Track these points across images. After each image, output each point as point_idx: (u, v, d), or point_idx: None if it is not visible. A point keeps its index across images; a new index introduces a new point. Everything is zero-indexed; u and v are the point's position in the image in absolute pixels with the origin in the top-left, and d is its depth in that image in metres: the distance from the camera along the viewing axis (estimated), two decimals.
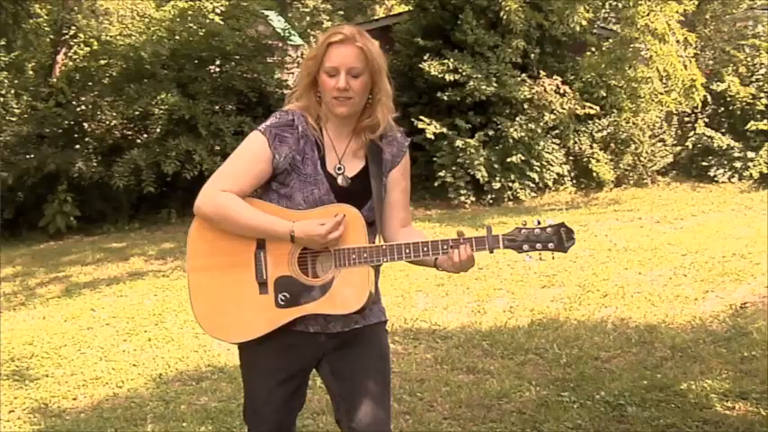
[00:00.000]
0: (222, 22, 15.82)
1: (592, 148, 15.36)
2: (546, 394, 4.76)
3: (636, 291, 7.17)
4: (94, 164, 14.88)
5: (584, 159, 15.32)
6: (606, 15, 17.12)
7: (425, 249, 2.61)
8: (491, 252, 2.62)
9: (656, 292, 7.08)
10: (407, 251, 2.61)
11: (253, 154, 2.69)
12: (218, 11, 16.06)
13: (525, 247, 2.62)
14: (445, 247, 2.61)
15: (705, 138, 15.40)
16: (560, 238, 2.62)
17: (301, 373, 2.85)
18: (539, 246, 2.62)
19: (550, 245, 2.62)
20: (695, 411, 4.34)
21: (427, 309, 7.16)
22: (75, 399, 5.56)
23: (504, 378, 5.12)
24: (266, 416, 2.85)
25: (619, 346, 5.62)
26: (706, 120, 15.83)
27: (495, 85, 14.44)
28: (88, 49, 16.02)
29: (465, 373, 5.35)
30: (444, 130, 14.45)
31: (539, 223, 2.63)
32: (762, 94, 15.30)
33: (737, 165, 14.98)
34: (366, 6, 30.93)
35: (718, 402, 4.45)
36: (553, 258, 2.65)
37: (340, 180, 2.70)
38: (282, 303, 2.63)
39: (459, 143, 14.30)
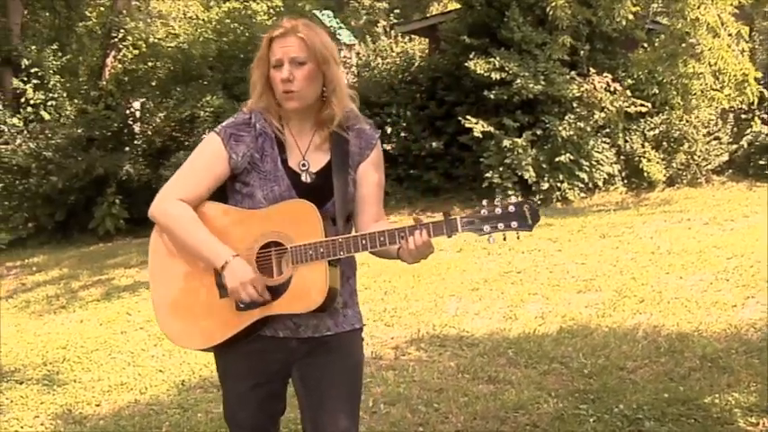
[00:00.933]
0: (269, 23, 15.92)
1: (643, 146, 15.04)
2: (563, 407, 4.63)
3: (674, 296, 6.97)
4: (142, 166, 15.12)
5: (636, 159, 15.00)
6: (657, 9, 16.69)
7: (382, 239, 2.53)
8: (449, 236, 2.52)
9: (694, 297, 6.87)
10: (364, 242, 2.54)
11: (208, 156, 2.68)
12: (271, 11, 16.14)
13: (486, 228, 2.50)
14: (402, 234, 2.52)
15: (762, 135, 14.96)
16: (524, 216, 2.49)
17: (275, 378, 2.78)
18: (501, 226, 2.50)
19: (513, 224, 2.49)
20: (716, 427, 4.18)
21: (458, 314, 7.07)
22: (98, 405, 5.63)
23: (524, 389, 5.01)
24: (241, 421, 2.82)
25: (647, 356, 5.45)
26: (764, 116, 15.36)
27: (542, 83, 14.21)
28: (137, 51, 16.25)
29: (485, 382, 5.25)
30: (491, 129, 14.27)
31: (501, 201, 2.52)
32: None
33: None
34: (423, 5, 30.78)
35: (741, 417, 4.28)
36: (518, 238, 2.52)
37: (304, 177, 2.65)
38: (242, 306, 2.58)
39: (506, 143, 14.11)
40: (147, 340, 7.26)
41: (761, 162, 14.96)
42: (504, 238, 2.53)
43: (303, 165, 2.67)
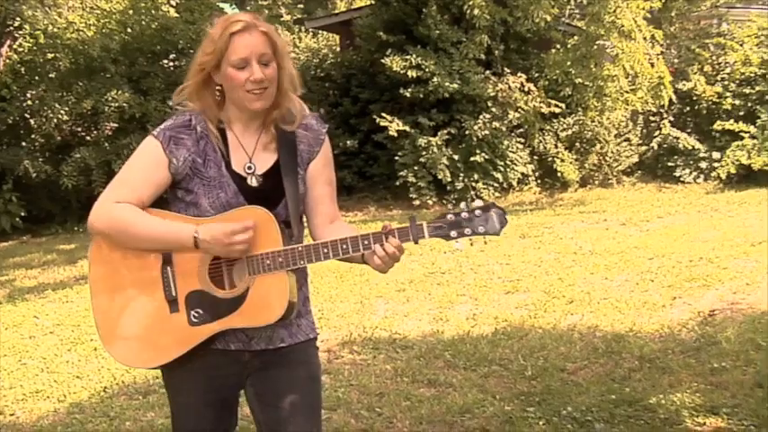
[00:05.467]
0: (177, 15, 15.59)
1: (557, 147, 15.34)
2: (510, 410, 4.64)
3: (602, 297, 7.10)
4: (41, 162, 14.55)
5: (549, 159, 15.29)
6: (571, 12, 17.11)
7: (344, 247, 2.42)
8: (416, 243, 2.42)
9: (623, 298, 7.02)
10: (326, 251, 2.42)
11: (147, 161, 2.51)
12: (172, 3, 15.83)
13: (453, 233, 2.41)
14: (366, 242, 2.41)
15: (671, 138, 15.44)
16: (491, 221, 2.42)
17: (227, 392, 2.67)
18: (468, 231, 2.41)
19: (480, 228, 2.41)
20: (665, 428, 4.26)
21: (387, 316, 7.03)
22: (12, 414, 5.37)
23: (467, 392, 5.00)
24: None
25: (585, 357, 5.53)
26: (671, 119, 15.87)
27: (458, 82, 14.34)
28: (34, 41, 15.63)
29: (426, 386, 5.22)
30: (407, 128, 14.32)
31: (467, 207, 2.44)
32: (728, 94, 15.37)
33: (703, 165, 15.04)
34: (326, 1, 30.69)
35: (688, 418, 4.37)
36: (485, 243, 2.45)
37: (251, 180, 2.53)
38: (196, 321, 2.46)
39: (421, 141, 14.20)
40: (59, 345, 6.97)
41: (669, 164, 15.42)
42: (471, 244, 2.46)
43: (249, 167, 2.53)
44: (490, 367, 5.46)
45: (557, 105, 14.77)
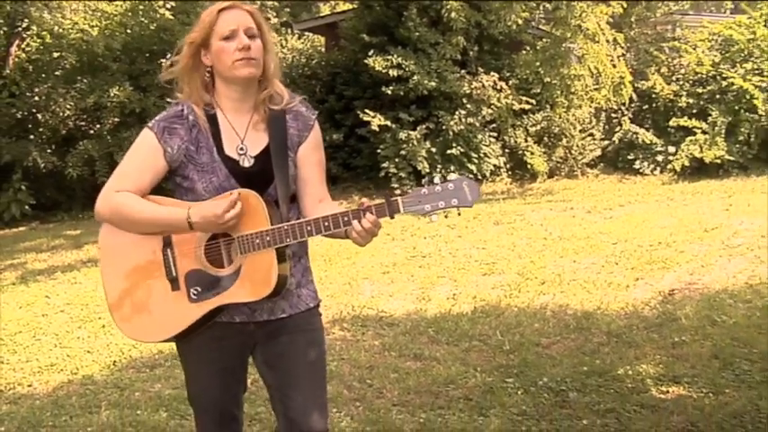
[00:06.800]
0: (173, 18, 15.52)
1: (527, 141, 15.36)
2: (491, 380, 4.67)
3: (572, 278, 7.14)
4: (48, 154, 14.52)
5: (520, 152, 15.31)
6: (540, 17, 17.15)
7: (326, 224, 2.41)
8: (392, 218, 2.41)
9: (590, 279, 7.06)
10: (309, 228, 2.42)
11: (144, 152, 2.52)
12: (168, 6, 15.75)
13: (427, 207, 2.38)
14: (346, 219, 2.41)
15: (631, 133, 15.53)
16: (463, 193, 2.38)
17: (235, 362, 2.69)
18: (442, 204, 2.38)
19: (454, 201, 2.37)
20: (632, 396, 4.29)
21: (374, 296, 7.04)
22: (30, 385, 5.34)
23: (451, 365, 5.03)
24: (206, 404, 2.73)
25: (558, 333, 5.57)
26: (631, 116, 15.98)
27: (436, 80, 14.34)
28: (41, 41, 15.54)
29: (412, 359, 5.24)
30: (388, 123, 14.31)
31: (441, 179, 2.41)
32: (683, 93, 15.49)
33: (660, 158, 15.12)
34: (311, 4, 30.54)
35: (653, 386, 4.42)
36: (459, 215, 2.42)
37: (242, 161, 2.53)
38: (195, 297, 2.48)
39: (401, 135, 14.20)
40: (69, 322, 6.93)
41: (629, 157, 15.51)
42: (446, 216, 2.43)
43: (241, 149, 2.53)
44: (471, 342, 5.49)
45: (527, 102, 14.83)
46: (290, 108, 2.61)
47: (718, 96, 15.02)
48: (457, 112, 14.57)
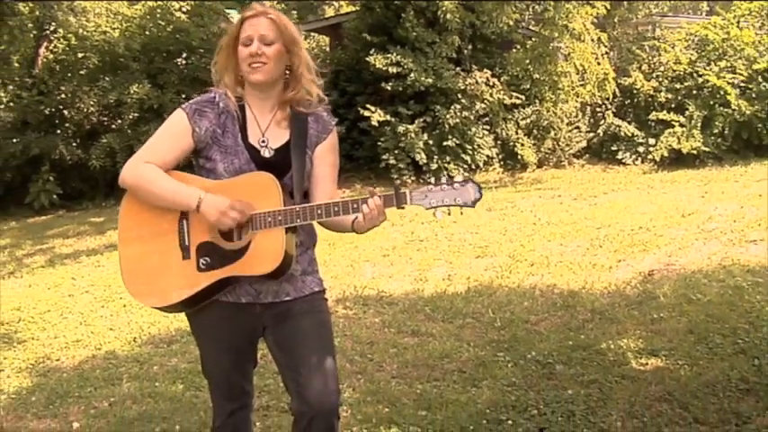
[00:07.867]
0: (188, 20, 15.53)
1: (517, 133, 15.30)
2: (483, 354, 4.68)
3: (559, 260, 7.13)
4: (74, 147, 14.59)
5: (511, 144, 15.24)
6: (529, 18, 17.08)
7: (336, 209, 2.43)
8: (399, 208, 2.43)
9: (576, 261, 7.05)
10: (319, 211, 2.44)
11: (174, 128, 2.54)
12: (184, 9, 15.76)
13: (433, 202, 2.42)
14: (355, 206, 2.43)
15: (614, 126, 15.47)
16: (467, 193, 2.42)
17: (243, 341, 2.68)
18: (447, 201, 2.41)
19: (458, 200, 2.41)
20: (614, 368, 4.29)
21: (374, 277, 7.04)
22: (58, 360, 5.39)
23: (446, 340, 5.03)
24: (218, 379, 2.74)
25: (546, 311, 5.57)
26: (614, 110, 15.92)
27: (432, 77, 14.28)
28: (67, 43, 15.56)
29: (410, 335, 5.25)
30: (388, 117, 14.26)
31: (448, 179, 2.44)
32: (662, 88, 15.44)
33: (641, 150, 15.04)
34: (317, 6, 30.43)
35: (633, 359, 4.42)
36: (461, 214, 2.44)
37: (264, 152, 2.54)
38: (203, 267, 2.48)
39: (400, 129, 14.15)
40: (93, 302, 6.96)
41: (612, 148, 15.46)
42: (449, 213, 2.45)
43: (263, 141, 2.55)
44: (465, 319, 5.50)
45: (517, 97, 14.76)
46: (312, 112, 2.62)
47: (694, 92, 14.94)
48: (452, 107, 14.51)
